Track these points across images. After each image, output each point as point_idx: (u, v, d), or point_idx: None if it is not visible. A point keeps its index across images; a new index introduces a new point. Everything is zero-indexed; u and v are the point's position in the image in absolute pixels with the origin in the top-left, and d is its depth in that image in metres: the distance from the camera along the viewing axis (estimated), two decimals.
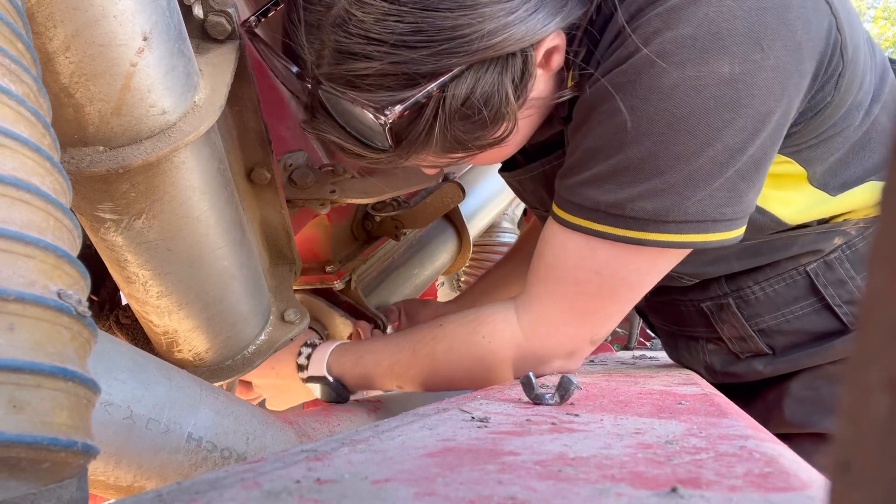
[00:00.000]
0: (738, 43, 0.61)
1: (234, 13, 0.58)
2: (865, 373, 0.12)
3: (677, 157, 0.63)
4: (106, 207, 0.52)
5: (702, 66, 0.61)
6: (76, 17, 0.42)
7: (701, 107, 0.62)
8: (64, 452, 0.27)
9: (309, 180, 0.85)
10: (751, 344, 0.89)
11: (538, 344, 0.77)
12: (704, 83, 0.61)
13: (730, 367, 0.93)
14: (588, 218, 0.69)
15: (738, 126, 0.63)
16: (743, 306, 0.87)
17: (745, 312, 0.88)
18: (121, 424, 0.51)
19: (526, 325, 0.77)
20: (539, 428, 0.40)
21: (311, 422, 0.79)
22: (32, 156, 0.30)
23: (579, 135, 0.70)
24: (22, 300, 0.26)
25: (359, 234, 1.13)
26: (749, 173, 0.66)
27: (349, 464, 0.30)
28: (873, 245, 0.12)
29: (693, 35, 0.61)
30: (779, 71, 0.62)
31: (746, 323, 0.88)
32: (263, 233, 0.80)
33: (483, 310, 0.82)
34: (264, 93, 0.73)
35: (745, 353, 0.91)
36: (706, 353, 0.96)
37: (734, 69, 0.61)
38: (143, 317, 0.66)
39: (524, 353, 0.77)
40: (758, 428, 0.43)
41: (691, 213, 0.65)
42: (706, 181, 0.64)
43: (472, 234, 1.36)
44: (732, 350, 0.92)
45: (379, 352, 0.85)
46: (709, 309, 0.91)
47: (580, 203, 0.69)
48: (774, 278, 0.85)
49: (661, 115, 0.63)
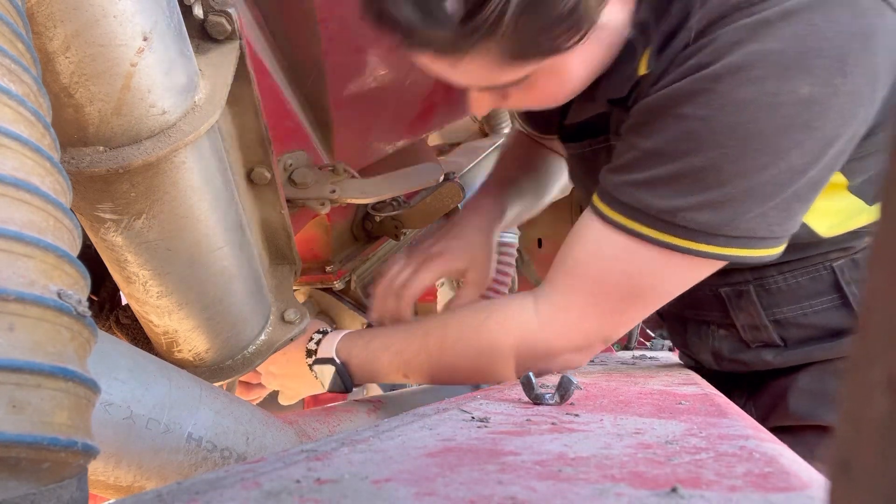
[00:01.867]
0: (822, 65, 0.60)
1: (234, 13, 0.58)
2: (865, 373, 0.12)
3: (741, 173, 0.63)
4: (106, 207, 0.52)
5: (783, 83, 0.60)
6: (76, 17, 0.42)
7: (774, 125, 0.61)
8: (64, 452, 0.27)
9: (309, 180, 0.85)
10: (763, 334, 0.89)
11: (552, 336, 0.76)
12: (782, 101, 0.60)
13: (738, 355, 0.93)
14: (635, 219, 0.68)
15: (805, 148, 0.62)
16: (763, 295, 0.87)
17: (763, 301, 0.87)
18: (121, 424, 0.51)
19: (543, 314, 0.76)
20: (539, 428, 0.40)
21: (311, 422, 0.79)
22: (32, 156, 0.30)
23: (639, 135, 0.69)
24: (22, 300, 0.26)
25: (359, 234, 1.13)
26: (805, 194, 0.66)
27: (349, 464, 0.30)
28: (873, 245, 0.12)
29: (780, 51, 0.60)
30: (854, 97, 0.62)
31: (763, 312, 0.87)
32: (263, 233, 0.80)
33: (499, 300, 0.82)
34: (264, 93, 0.73)
35: (756, 342, 0.90)
36: (716, 338, 0.95)
37: (813, 91, 0.60)
38: (143, 317, 0.66)
39: (534, 342, 0.76)
40: (758, 428, 0.43)
41: (742, 230, 0.65)
42: (764, 199, 0.64)
43: None
44: (743, 338, 0.91)
45: (389, 337, 0.84)
46: (727, 294, 0.89)
47: (629, 203, 0.68)
48: (799, 270, 0.84)
49: (734, 128, 0.62)
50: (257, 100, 0.65)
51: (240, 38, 0.59)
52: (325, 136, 0.89)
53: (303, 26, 0.75)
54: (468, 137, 1.69)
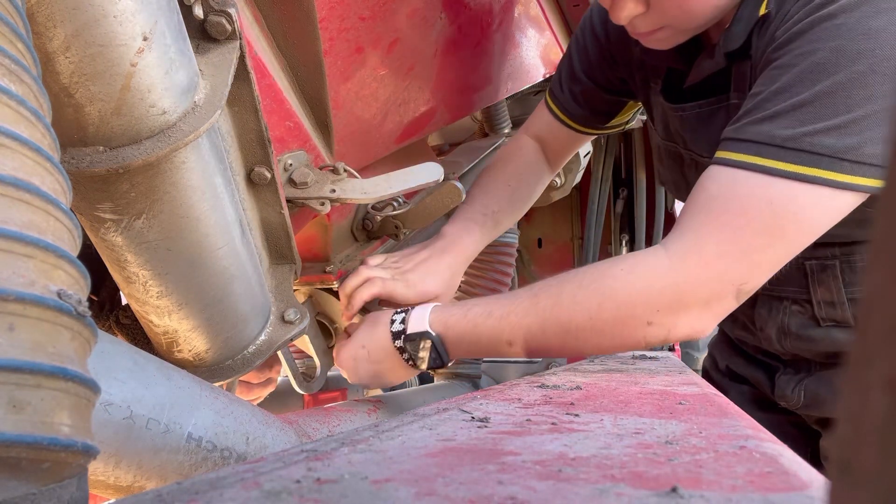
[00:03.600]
0: None
1: (234, 13, 0.58)
2: (865, 373, 0.12)
3: (869, 97, 0.64)
4: (106, 207, 0.52)
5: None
6: (76, 17, 0.42)
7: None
8: (64, 452, 0.27)
9: (309, 180, 0.85)
10: (839, 311, 0.90)
11: (684, 274, 0.71)
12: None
13: (806, 331, 0.94)
14: (760, 154, 0.68)
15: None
16: (847, 271, 0.88)
17: (846, 278, 0.88)
18: (121, 424, 0.51)
19: (675, 252, 0.72)
20: (539, 428, 0.40)
21: (311, 422, 0.79)
22: (32, 156, 0.30)
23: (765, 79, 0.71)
24: (22, 300, 0.26)
25: (359, 234, 1.13)
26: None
27: (349, 464, 0.30)
28: (873, 245, 0.12)
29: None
30: None
31: (844, 289, 0.88)
32: (263, 233, 0.80)
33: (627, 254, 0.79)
34: (264, 93, 0.73)
35: (829, 320, 0.91)
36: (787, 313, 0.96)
37: None
38: (143, 317, 0.66)
39: (664, 285, 0.71)
40: (758, 428, 0.43)
41: (867, 155, 0.65)
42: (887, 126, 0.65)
43: None
44: (816, 314, 0.92)
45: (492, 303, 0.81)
46: (811, 268, 0.90)
47: (752, 139, 0.69)
48: None
49: (863, 54, 0.64)
50: (257, 100, 0.65)
51: (240, 38, 0.59)
52: (325, 136, 0.89)
53: (303, 26, 0.75)
54: (468, 137, 1.69)
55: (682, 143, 0.97)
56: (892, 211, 0.12)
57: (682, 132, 0.95)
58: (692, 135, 0.92)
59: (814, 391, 0.98)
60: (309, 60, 0.79)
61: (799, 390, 0.99)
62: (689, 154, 0.96)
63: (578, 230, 2.47)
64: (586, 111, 1.14)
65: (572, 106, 1.14)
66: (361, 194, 0.87)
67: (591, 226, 2.09)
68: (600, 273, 0.75)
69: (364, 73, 0.87)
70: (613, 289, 0.73)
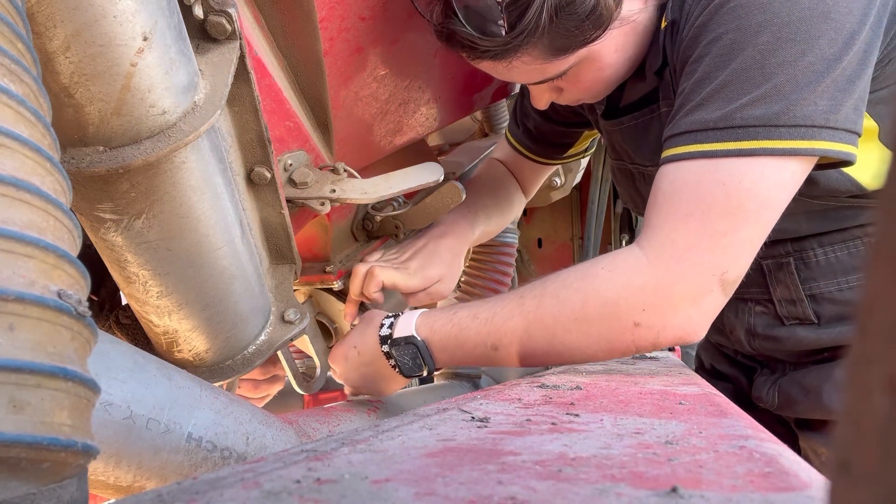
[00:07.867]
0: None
1: (234, 13, 0.58)
2: (865, 373, 0.12)
3: (781, 63, 0.68)
4: (106, 207, 0.52)
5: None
6: (76, 17, 0.42)
7: (798, 16, 0.67)
8: (64, 452, 0.27)
9: (309, 180, 0.85)
10: (799, 309, 0.92)
11: (664, 270, 0.71)
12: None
13: (772, 331, 0.96)
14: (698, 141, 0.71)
15: (829, 37, 0.67)
16: (802, 268, 0.90)
17: (802, 275, 0.91)
18: (121, 424, 0.51)
19: (651, 252, 0.72)
20: (539, 428, 0.40)
21: (311, 422, 0.79)
22: (32, 156, 0.30)
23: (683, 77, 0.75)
24: (22, 300, 0.26)
25: (359, 234, 1.13)
26: (845, 86, 0.69)
27: (349, 464, 0.30)
28: (873, 245, 0.12)
29: None
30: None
31: (801, 286, 0.91)
32: (263, 233, 0.80)
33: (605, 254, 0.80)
34: (264, 93, 0.73)
35: (791, 318, 0.94)
36: (751, 314, 0.99)
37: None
38: (143, 317, 0.66)
39: (644, 281, 0.71)
40: (758, 428, 0.43)
41: (798, 117, 0.68)
42: (809, 86, 0.67)
43: None
44: (779, 314, 0.95)
45: (477, 306, 0.80)
46: (768, 267, 0.93)
47: (688, 129, 0.72)
48: (839, 244, 0.88)
49: (764, 25, 0.68)
50: (257, 100, 0.65)
51: (240, 38, 0.59)
52: (325, 136, 0.89)
53: (303, 26, 0.75)
54: (468, 137, 1.69)
55: (628, 158, 1.00)
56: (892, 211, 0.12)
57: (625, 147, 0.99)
58: (634, 147, 0.96)
59: (786, 392, 0.99)
60: (309, 60, 0.79)
61: (773, 391, 1.00)
62: (636, 168, 1.00)
63: (578, 230, 2.47)
64: (541, 145, 1.21)
65: (527, 140, 1.22)
66: (361, 194, 0.87)
67: (591, 226, 2.09)
68: (583, 272, 0.76)
69: (364, 73, 0.87)
70: (595, 286, 0.74)
